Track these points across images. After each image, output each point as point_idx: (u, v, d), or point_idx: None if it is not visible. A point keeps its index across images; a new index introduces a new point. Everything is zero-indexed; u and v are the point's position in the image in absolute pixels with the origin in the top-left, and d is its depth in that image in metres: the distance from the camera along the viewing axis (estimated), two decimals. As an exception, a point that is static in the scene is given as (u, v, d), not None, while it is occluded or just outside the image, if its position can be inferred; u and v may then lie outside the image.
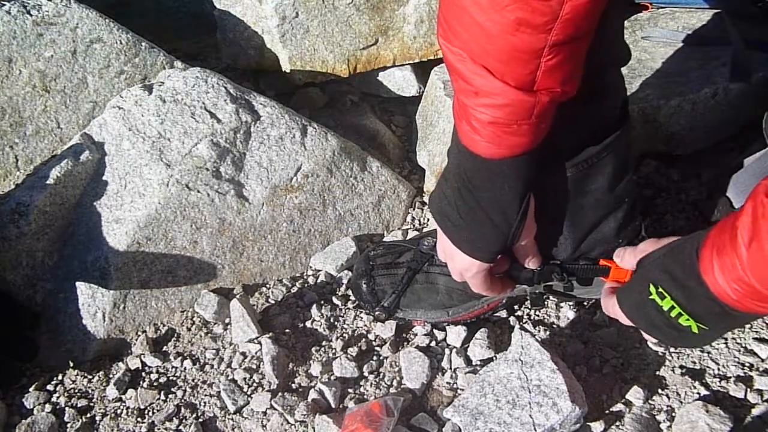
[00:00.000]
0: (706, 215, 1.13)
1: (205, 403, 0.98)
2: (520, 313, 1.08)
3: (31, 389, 1.00)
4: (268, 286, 1.15)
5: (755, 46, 1.18)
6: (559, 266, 0.92)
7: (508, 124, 0.68)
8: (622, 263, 0.84)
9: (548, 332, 1.04)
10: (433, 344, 1.03)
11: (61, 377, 1.03)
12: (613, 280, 0.86)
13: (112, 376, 1.03)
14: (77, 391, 1.01)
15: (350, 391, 0.98)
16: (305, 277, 1.17)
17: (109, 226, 1.08)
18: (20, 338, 1.07)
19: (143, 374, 1.03)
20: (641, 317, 0.76)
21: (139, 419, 0.97)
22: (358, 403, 0.95)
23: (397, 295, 1.03)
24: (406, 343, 1.05)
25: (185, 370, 1.03)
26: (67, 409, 0.98)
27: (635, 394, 0.93)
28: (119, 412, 0.98)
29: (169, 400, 0.99)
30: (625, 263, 0.83)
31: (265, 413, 0.95)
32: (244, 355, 1.04)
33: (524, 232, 0.83)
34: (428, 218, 1.26)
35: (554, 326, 1.05)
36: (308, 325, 1.08)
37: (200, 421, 0.96)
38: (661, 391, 0.94)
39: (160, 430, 0.95)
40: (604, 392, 0.94)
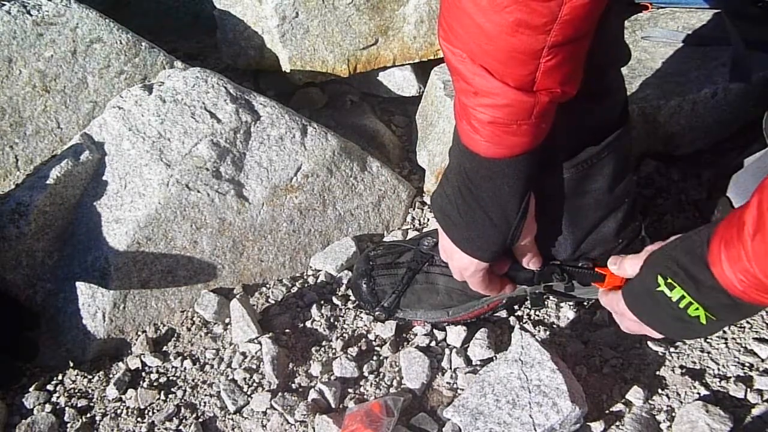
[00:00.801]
0: (706, 215, 1.13)
1: (205, 403, 0.99)
2: (520, 313, 1.08)
3: (31, 389, 1.01)
4: (268, 286, 1.15)
5: (755, 46, 1.18)
6: (558, 266, 0.92)
7: (507, 124, 0.69)
8: (618, 271, 0.83)
9: (548, 332, 1.04)
10: (433, 344, 1.03)
11: (61, 377, 1.03)
12: (608, 287, 0.86)
13: (112, 376, 1.03)
14: (77, 391, 1.01)
15: (350, 391, 0.98)
16: (305, 277, 1.17)
17: (109, 226, 1.08)
18: (20, 338, 1.07)
19: (143, 374, 1.03)
20: (645, 310, 0.76)
21: (139, 419, 0.97)
22: (358, 403, 0.95)
23: (397, 295, 1.04)
24: (406, 343, 1.05)
25: (185, 370, 1.03)
26: (67, 409, 0.98)
27: (635, 394, 0.93)
28: (119, 412, 0.98)
29: (169, 400, 0.99)
30: (621, 271, 0.83)
31: (265, 413, 0.95)
32: (244, 355, 1.04)
33: (524, 231, 0.83)
34: (428, 218, 1.26)
35: (554, 326, 1.05)
36: (308, 325, 1.08)
37: (200, 421, 0.96)
38: (661, 391, 0.94)
39: (160, 430, 0.95)
40: (604, 392, 0.94)
